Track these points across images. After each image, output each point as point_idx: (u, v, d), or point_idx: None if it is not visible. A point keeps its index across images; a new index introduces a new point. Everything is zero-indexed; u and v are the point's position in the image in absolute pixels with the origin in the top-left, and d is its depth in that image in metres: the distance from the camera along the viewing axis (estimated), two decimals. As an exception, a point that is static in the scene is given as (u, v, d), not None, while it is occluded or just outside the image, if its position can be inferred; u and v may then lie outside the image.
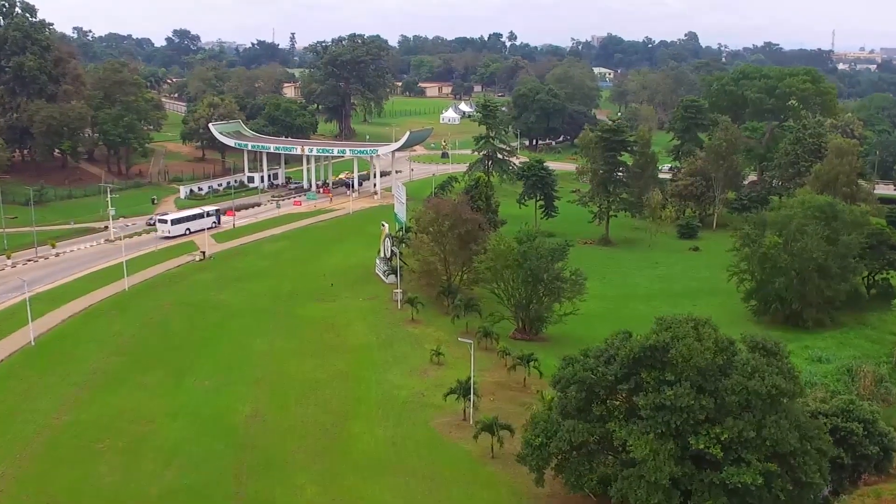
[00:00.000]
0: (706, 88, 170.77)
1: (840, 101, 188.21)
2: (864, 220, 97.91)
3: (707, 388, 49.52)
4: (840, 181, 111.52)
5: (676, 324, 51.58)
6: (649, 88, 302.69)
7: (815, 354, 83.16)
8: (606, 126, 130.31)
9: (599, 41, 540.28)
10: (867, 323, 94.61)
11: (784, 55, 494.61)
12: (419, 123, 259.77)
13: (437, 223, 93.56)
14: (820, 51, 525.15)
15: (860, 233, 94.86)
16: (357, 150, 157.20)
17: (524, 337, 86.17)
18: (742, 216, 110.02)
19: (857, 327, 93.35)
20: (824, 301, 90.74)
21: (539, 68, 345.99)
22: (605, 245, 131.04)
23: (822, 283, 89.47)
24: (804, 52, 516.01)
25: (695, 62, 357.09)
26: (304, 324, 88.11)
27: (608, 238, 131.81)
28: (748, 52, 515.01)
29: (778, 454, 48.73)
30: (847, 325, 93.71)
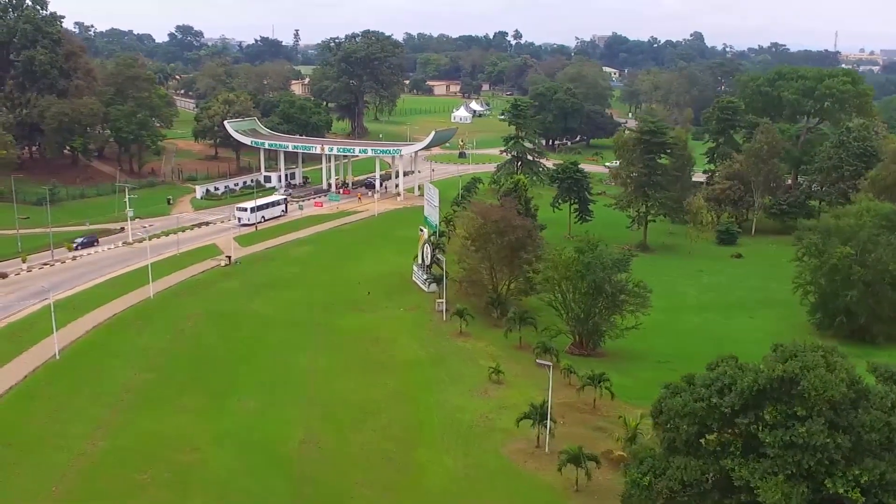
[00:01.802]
0: (740, 89, 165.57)
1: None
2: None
3: (840, 425, 44.16)
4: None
5: (802, 352, 46.18)
6: (662, 88, 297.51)
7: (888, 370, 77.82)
8: (646, 127, 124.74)
9: (604, 41, 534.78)
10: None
11: (791, 56, 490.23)
12: (430, 122, 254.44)
13: (485, 230, 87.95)
14: (826, 52, 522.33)
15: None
16: (380, 149, 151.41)
17: (581, 352, 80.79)
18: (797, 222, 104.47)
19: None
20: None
21: (547, 67, 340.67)
22: (644, 251, 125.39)
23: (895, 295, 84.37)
24: (810, 53, 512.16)
25: (709, 62, 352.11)
26: (345, 337, 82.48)
27: (646, 244, 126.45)
28: (753, 53, 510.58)
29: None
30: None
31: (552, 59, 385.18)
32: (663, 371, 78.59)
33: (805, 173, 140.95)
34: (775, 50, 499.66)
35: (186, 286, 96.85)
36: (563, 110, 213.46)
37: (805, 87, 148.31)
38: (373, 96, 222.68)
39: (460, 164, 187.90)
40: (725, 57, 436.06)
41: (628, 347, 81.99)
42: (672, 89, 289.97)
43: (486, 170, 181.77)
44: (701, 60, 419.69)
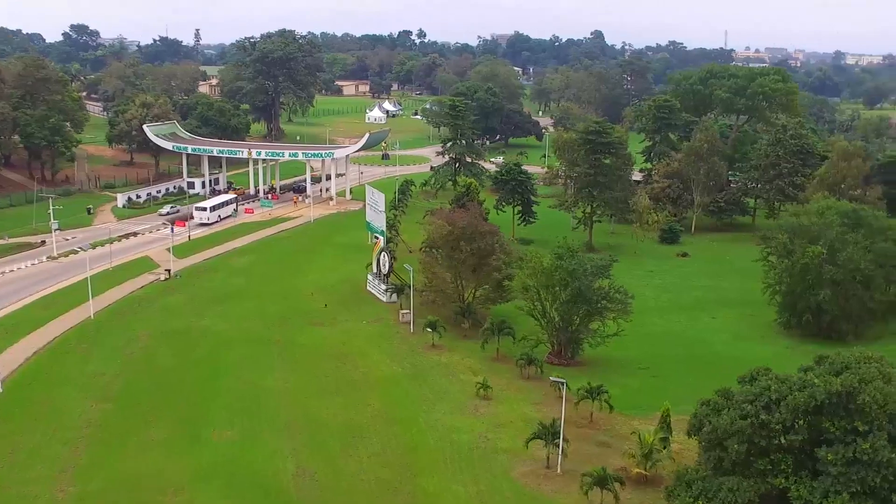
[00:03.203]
0: (673, 87, 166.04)
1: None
2: (889, 226, 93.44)
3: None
4: (847, 184, 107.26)
5: (855, 363, 44.16)
6: (573, 87, 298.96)
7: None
8: (591, 127, 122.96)
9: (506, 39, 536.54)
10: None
11: (688, 54, 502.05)
12: (345, 123, 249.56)
13: (452, 237, 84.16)
14: (722, 50, 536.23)
15: (884, 238, 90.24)
16: (311, 152, 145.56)
17: (561, 362, 77.85)
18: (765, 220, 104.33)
19: (892, 338, 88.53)
20: (866, 312, 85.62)
21: (455, 66, 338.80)
22: (590, 252, 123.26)
23: (865, 294, 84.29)
24: (706, 50, 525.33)
25: (618, 60, 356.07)
26: (311, 354, 77.47)
27: (592, 245, 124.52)
28: (651, 51, 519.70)
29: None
30: (883, 337, 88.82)
31: (459, 57, 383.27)
32: (647, 378, 76.76)
33: (739, 171, 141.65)
34: (673, 48, 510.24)
35: (128, 303, 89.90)
36: (483, 110, 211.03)
37: (737, 85, 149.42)
38: (290, 97, 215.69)
39: (387, 167, 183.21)
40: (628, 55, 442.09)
41: (605, 355, 79.45)
42: (583, 88, 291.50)
43: (413, 171, 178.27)
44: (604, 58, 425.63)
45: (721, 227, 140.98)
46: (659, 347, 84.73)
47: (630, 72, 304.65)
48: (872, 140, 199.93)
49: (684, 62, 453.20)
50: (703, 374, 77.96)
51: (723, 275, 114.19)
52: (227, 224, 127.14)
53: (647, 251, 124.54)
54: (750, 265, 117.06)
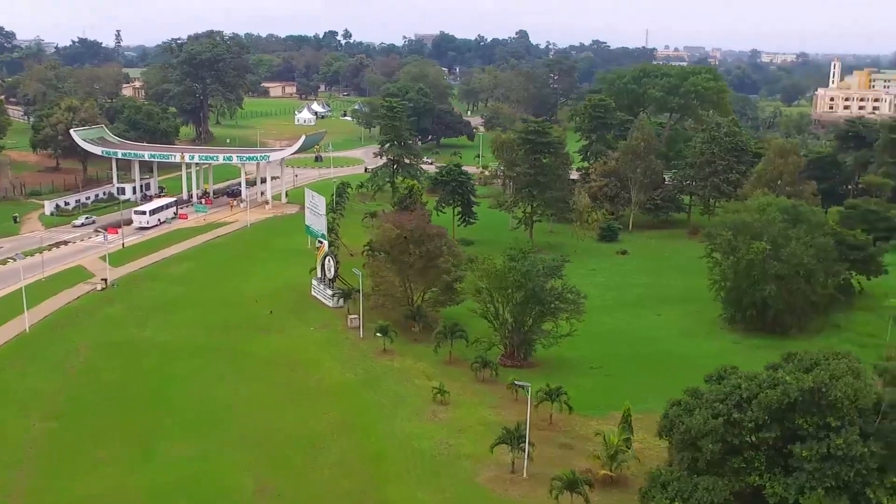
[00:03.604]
0: (607, 86, 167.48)
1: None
2: (826, 221, 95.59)
3: (869, 432, 42.88)
4: (783, 181, 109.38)
5: (824, 360, 44.57)
6: (501, 86, 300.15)
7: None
8: (531, 127, 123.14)
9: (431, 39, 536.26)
10: (839, 325, 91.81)
11: (612, 53, 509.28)
12: (274, 125, 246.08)
13: (401, 240, 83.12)
14: (644, 49, 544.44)
15: (822, 233, 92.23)
16: (245, 156, 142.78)
17: (514, 363, 77.43)
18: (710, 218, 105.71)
19: (832, 331, 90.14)
20: (809, 306, 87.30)
21: (383, 67, 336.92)
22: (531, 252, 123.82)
23: (808, 287, 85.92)
24: (628, 49, 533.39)
25: (544, 60, 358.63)
26: (261, 363, 75.65)
27: (533, 245, 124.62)
28: (575, 51, 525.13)
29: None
30: (824, 329, 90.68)
31: (386, 58, 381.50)
32: (600, 378, 76.89)
33: (674, 168, 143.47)
34: (597, 47, 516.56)
35: (64, 315, 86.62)
36: (415, 110, 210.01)
37: (670, 84, 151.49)
38: (218, 99, 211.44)
39: (321, 169, 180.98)
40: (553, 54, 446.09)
41: (557, 355, 79.28)
42: (512, 87, 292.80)
43: (347, 173, 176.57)
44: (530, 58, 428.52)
45: (657, 225, 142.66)
46: (608, 346, 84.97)
47: (557, 71, 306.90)
48: (794, 136, 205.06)
49: (608, 61, 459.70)
50: (655, 371, 78.64)
51: (663, 272, 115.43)
52: (161, 230, 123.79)
53: (587, 250, 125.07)
54: (689, 262, 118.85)
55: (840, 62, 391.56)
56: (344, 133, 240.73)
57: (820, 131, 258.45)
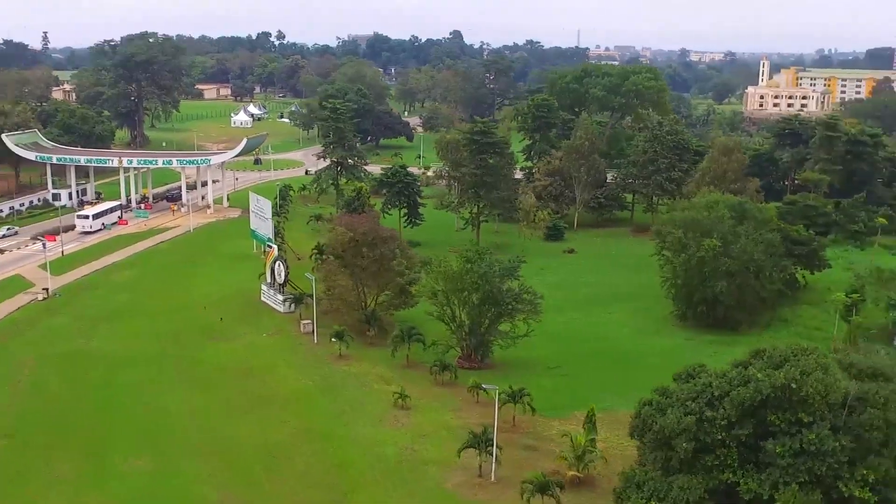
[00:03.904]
0: (549, 86, 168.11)
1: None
2: (771, 218, 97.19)
3: (839, 426, 43.37)
4: (728, 178, 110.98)
5: (793, 356, 44.94)
6: (439, 86, 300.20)
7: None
8: (476, 128, 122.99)
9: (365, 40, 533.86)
10: (787, 319, 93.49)
11: (545, 52, 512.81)
12: (211, 128, 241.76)
13: (354, 243, 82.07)
14: (577, 48, 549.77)
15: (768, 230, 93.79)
16: (186, 159, 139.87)
17: (472, 365, 77.05)
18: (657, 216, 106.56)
19: (780, 325, 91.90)
20: (758, 301, 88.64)
21: (318, 68, 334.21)
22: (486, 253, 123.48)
23: (758, 283, 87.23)
24: (561, 49, 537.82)
25: (481, 60, 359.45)
26: (214, 371, 73.94)
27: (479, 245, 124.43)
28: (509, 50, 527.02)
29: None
30: (772, 324, 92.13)
31: (321, 59, 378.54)
32: (558, 378, 76.96)
33: (616, 167, 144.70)
34: (531, 47, 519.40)
35: (6, 327, 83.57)
36: (355, 112, 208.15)
37: (611, 83, 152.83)
38: (154, 102, 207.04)
39: (261, 172, 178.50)
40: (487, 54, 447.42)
41: (513, 356, 79.11)
42: (449, 87, 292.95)
43: (288, 176, 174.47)
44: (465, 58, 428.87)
45: (601, 223, 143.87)
46: (564, 345, 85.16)
47: (493, 71, 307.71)
48: (729, 133, 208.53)
49: (542, 61, 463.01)
50: (611, 369, 79.11)
51: (610, 269, 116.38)
52: (102, 237, 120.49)
53: (534, 249, 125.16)
54: (635, 259, 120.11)
55: (769, 61, 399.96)
56: (282, 135, 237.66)
57: (752, 128, 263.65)
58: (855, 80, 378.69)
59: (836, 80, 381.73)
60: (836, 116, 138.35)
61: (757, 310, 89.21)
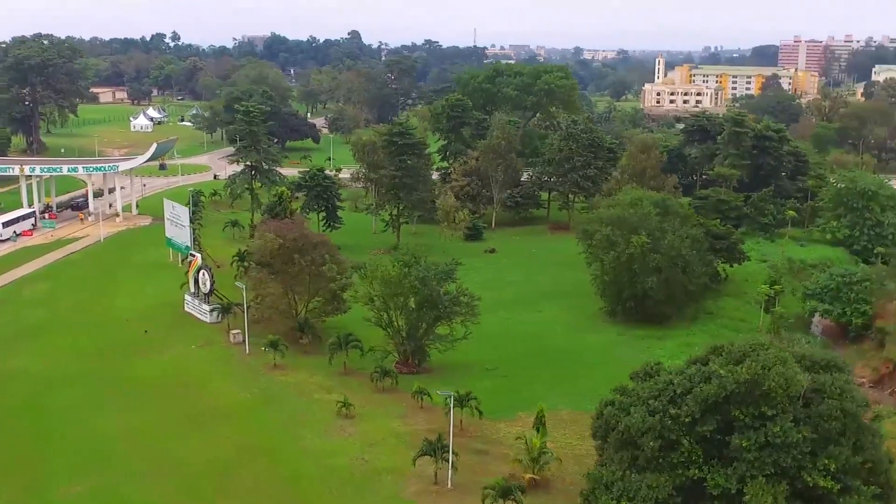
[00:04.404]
0: (461, 86, 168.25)
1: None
2: (691, 213, 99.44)
3: (799, 418, 44.30)
4: (647, 175, 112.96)
5: (752, 351, 45.67)
6: (342, 87, 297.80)
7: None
8: (395, 129, 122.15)
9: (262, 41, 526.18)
10: (712, 312, 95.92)
11: (444, 52, 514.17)
12: (110, 132, 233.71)
13: (285, 250, 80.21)
14: (475, 47, 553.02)
15: (690, 225, 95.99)
16: (92, 166, 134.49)
17: (410, 370, 76.35)
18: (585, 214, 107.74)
19: (707, 318, 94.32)
20: (686, 295, 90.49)
21: (218, 70, 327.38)
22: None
23: (685, 278, 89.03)
24: (459, 49, 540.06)
25: (386, 60, 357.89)
26: (145, 387, 71.07)
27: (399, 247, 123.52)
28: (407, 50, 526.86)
29: (873, 475, 45.01)
30: (699, 317, 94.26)
31: (219, 60, 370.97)
32: (498, 379, 76.90)
33: (531, 166, 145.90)
34: (429, 47, 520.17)
35: (-89, 349, 78.88)
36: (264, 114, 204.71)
37: (523, 83, 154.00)
38: (50, 107, 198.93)
39: (167, 177, 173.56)
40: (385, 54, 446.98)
41: (451, 359, 78.72)
42: (353, 88, 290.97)
43: (196, 181, 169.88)
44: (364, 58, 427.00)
45: (518, 222, 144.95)
46: (499, 346, 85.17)
47: (396, 71, 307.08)
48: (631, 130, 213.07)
49: (441, 60, 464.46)
50: (549, 368, 79.55)
51: (533, 268, 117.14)
52: (6, 249, 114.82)
53: (455, 250, 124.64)
54: (556, 257, 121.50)
55: (664, 58, 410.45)
56: (185, 139, 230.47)
57: (651, 125, 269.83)
58: (745, 77, 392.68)
59: (727, 76, 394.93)
60: (743, 113, 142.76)
61: (684, 304, 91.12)
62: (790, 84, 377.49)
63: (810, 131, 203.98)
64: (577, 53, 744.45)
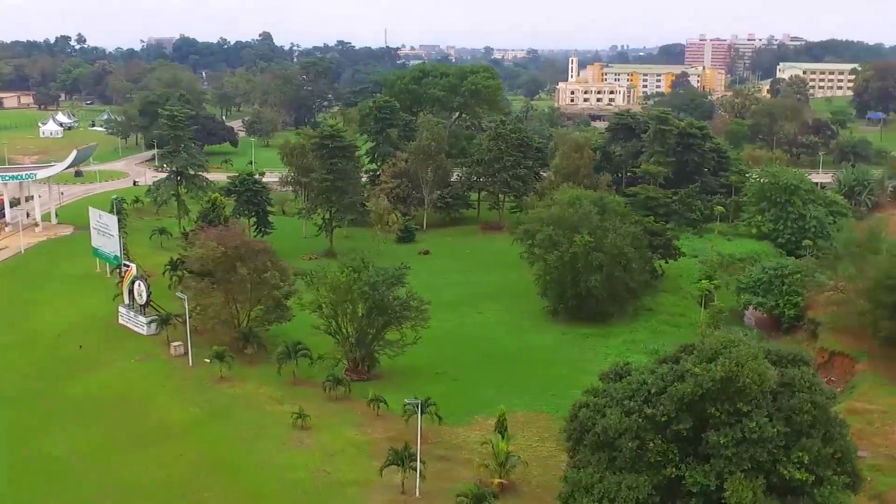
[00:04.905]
0: (387, 87, 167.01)
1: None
2: (628, 211, 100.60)
3: (771, 412, 44.95)
4: (581, 174, 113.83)
5: (723, 348, 46.09)
6: (258, 89, 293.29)
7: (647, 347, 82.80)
8: (325, 132, 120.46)
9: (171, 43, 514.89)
10: (652, 308, 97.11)
11: (357, 52, 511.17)
12: (17, 139, 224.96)
13: (227, 258, 78.14)
14: (388, 48, 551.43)
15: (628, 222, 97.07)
16: (8, 175, 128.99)
17: (360, 377, 75.19)
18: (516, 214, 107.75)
19: (647, 314, 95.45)
20: (628, 293, 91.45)
21: (128, 73, 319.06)
22: (332, 258, 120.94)
23: (626, 275, 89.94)
24: (372, 49, 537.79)
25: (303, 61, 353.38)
26: (88, 405, 68.45)
27: (333, 251, 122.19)
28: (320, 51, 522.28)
29: (842, 464, 46.02)
30: (638, 312, 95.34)
31: (128, 63, 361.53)
32: (450, 383, 76.44)
33: (459, 166, 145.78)
34: (342, 48, 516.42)
35: None
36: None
37: (450, 83, 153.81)
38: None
39: (85, 185, 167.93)
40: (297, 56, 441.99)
41: (400, 364, 77.80)
42: (269, 90, 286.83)
43: (116, 188, 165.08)
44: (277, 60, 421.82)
45: (449, 222, 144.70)
46: (446, 349, 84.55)
47: (312, 72, 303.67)
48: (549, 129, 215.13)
49: (354, 61, 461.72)
50: (499, 370, 79.49)
51: (470, 269, 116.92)
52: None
53: (389, 252, 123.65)
54: (490, 257, 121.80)
55: (577, 58, 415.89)
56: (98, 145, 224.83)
57: (568, 123, 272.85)
58: (655, 75, 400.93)
59: (637, 75, 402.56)
60: (668, 111, 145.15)
61: (626, 301, 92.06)
62: (699, 82, 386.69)
63: (724, 128, 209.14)
64: (488, 53, 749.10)
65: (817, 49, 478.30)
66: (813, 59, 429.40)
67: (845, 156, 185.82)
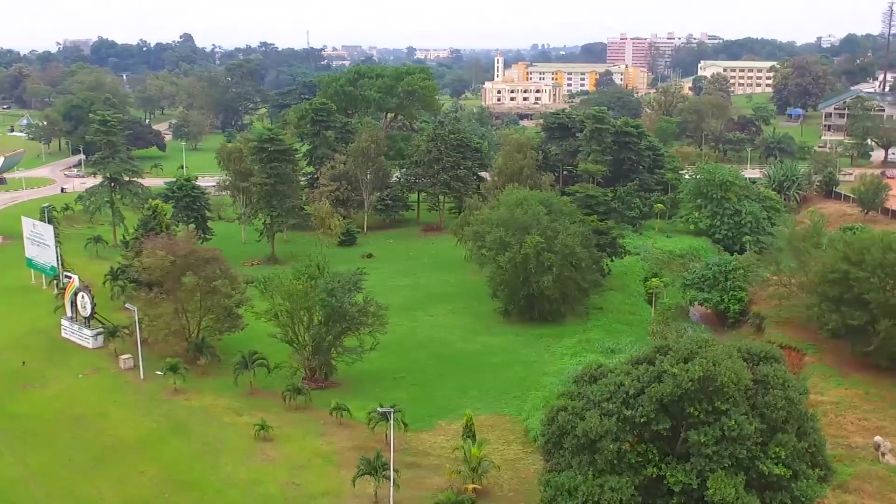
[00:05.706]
0: (323, 89, 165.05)
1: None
2: (575, 211, 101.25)
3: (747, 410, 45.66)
4: (524, 174, 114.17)
5: (698, 348, 46.66)
6: (184, 92, 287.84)
7: (602, 346, 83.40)
8: (265, 135, 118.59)
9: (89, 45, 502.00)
10: (602, 307, 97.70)
11: (280, 54, 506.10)
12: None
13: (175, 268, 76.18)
14: (312, 49, 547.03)
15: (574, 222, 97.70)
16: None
17: (318, 385, 74.13)
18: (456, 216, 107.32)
19: (599, 313, 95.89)
20: (579, 292, 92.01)
21: (47, 76, 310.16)
22: (274, 264, 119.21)
23: (577, 275, 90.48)
24: (295, 50, 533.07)
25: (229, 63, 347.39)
26: (37, 424, 65.84)
27: (275, 256, 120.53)
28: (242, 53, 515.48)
29: (814, 458, 47.07)
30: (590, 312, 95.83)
31: (46, 66, 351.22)
32: (409, 388, 75.93)
33: (396, 167, 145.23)
34: (265, 49, 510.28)
35: None
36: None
37: (385, 84, 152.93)
38: None
39: (9, 192, 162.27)
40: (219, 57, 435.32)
41: (357, 370, 76.89)
42: (195, 93, 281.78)
43: (43, 195, 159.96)
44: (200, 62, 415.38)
45: (390, 224, 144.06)
46: (401, 354, 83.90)
47: (238, 74, 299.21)
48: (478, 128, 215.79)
49: (278, 62, 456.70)
50: (457, 373, 79.28)
51: (416, 271, 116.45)
52: None
53: (331, 256, 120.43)
54: (435, 259, 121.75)
55: (503, 57, 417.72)
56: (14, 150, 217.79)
57: (497, 123, 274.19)
58: (579, 74, 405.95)
59: (562, 74, 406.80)
60: (603, 110, 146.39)
61: (577, 301, 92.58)
62: (622, 80, 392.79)
63: (653, 126, 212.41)
64: (410, 53, 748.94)
65: (735, 47, 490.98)
66: (731, 56, 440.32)
67: (771, 151, 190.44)
